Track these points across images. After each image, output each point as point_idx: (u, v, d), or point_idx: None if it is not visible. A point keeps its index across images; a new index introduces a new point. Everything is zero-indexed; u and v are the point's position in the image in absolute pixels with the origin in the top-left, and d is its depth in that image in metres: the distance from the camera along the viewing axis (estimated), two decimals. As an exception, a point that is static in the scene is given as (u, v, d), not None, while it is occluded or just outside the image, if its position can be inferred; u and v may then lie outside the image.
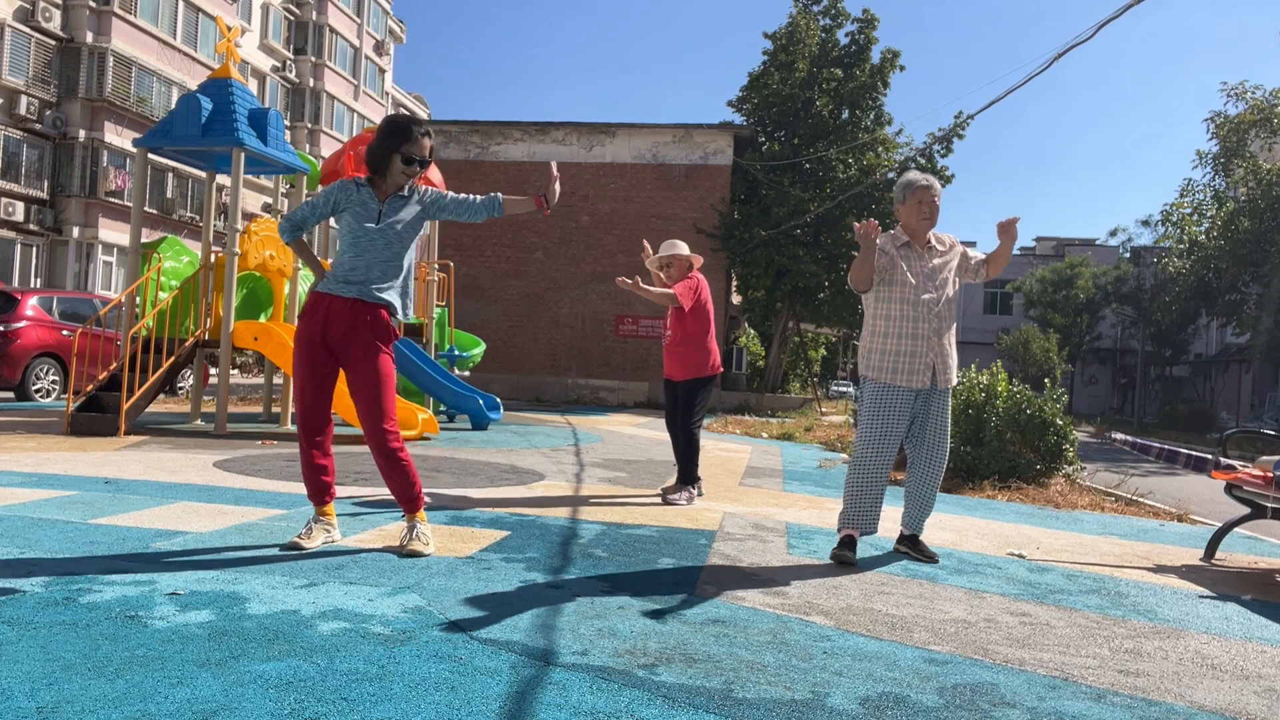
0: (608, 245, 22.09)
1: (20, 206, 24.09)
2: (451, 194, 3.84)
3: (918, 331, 4.20)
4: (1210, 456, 5.32)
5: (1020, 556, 4.64)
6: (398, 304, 3.76)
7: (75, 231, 25.55)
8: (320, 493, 3.82)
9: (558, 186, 3.90)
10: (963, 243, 4.45)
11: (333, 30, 38.56)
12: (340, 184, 3.75)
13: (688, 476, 5.88)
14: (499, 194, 3.92)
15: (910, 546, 4.41)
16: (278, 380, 10.67)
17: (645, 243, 6.54)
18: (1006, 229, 4.19)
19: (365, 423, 3.69)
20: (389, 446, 3.68)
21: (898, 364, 4.23)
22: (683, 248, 6.02)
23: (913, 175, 4.35)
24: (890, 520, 4.80)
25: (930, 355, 4.22)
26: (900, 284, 4.25)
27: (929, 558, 4.32)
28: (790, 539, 4.71)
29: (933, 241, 4.35)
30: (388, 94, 44.85)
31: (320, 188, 11.74)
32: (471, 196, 3.88)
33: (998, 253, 4.32)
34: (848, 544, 4.18)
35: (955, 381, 4.37)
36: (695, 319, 5.87)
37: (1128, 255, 41.52)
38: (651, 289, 5.79)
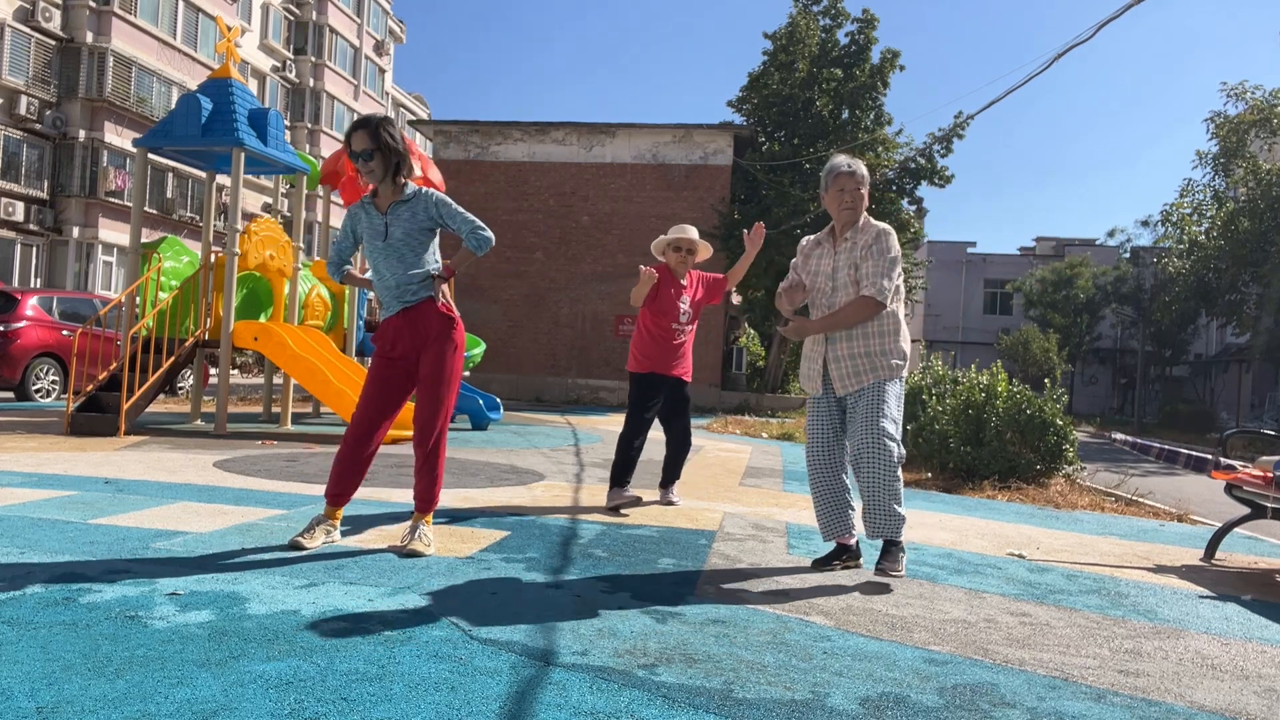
0: (608, 245, 22.09)
1: (20, 206, 24.09)
2: (462, 210, 3.88)
3: (815, 336, 4.00)
4: (1210, 456, 5.32)
5: (1020, 556, 4.64)
6: (435, 292, 3.86)
7: (75, 231, 25.54)
8: (342, 494, 3.88)
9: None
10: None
11: (333, 30, 38.55)
12: (349, 211, 3.99)
13: (675, 476, 5.83)
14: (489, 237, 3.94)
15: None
16: (278, 380, 10.67)
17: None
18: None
19: (420, 414, 3.86)
20: (433, 443, 3.86)
21: (801, 367, 4.11)
22: (693, 232, 5.73)
23: (836, 160, 4.00)
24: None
25: (821, 359, 3.96)
26: (808, 287, 4.06)
27: (881, 570, 3.76)
28: (790, 539, 4.71)
29: (851, 234, 3.93)
30: (388, 94, 44.84)
31: (321, 186, 11.79)
32: (479, 223, 3.91)
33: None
34: (835, 553, 4.03)
35: (858, 387, 3.85)
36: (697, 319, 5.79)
37: (1127, 255, 41.51)
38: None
